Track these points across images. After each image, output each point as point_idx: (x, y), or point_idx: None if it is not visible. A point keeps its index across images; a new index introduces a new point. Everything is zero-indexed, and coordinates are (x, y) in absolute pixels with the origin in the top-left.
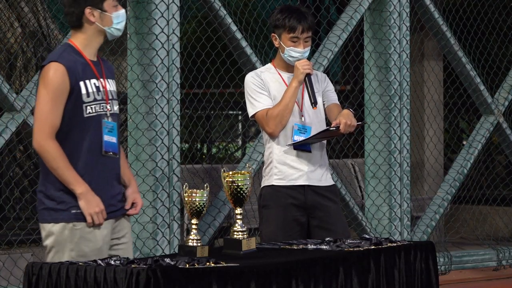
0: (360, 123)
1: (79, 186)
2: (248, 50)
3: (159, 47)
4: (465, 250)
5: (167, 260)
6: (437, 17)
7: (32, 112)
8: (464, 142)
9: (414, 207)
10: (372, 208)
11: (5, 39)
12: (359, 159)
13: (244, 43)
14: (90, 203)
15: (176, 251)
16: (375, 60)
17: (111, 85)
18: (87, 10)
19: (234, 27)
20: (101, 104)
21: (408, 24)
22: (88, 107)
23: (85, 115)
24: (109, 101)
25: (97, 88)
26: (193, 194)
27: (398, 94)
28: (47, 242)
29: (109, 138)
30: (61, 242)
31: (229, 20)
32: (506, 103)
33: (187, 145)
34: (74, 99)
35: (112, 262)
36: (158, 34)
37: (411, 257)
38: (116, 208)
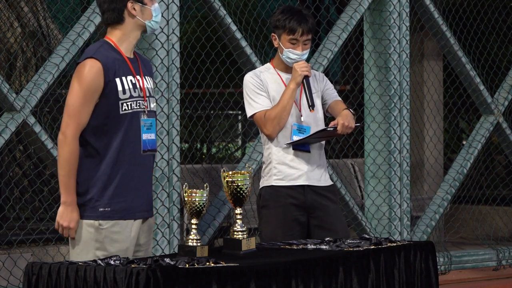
0: (358, 124)
1: (68, 196)
2: (248, 50)
3: (158, 47)
4: (465, 250)
5: (167, 260)
6: (437, 17)
7: (31, 112)
8: (464, 142)
9: (414, 207)
10: (372, 208)
11: (5, 39)
12: (359, 159)
13: (243, 43)
14: (66, 215)
15: (176, 251)
16: (374, 60)
17: (148, 82)
18: (129, 4)
19: (234, 27)
20: (138, 101)
21: (408, 24)
22: (124, 104)
23: (121, 112)
24: (146, 98)
25: (134, 85)
26: (193, 194)
27: (398, 94)
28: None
29: (148, 136)
30: (86, 240)
31: (229, 20)
32: (506, 103)
33: (187, 145)
34: (110, 96)
35: (112, 262)
36: (158, 34)
37: (411, 257)
38: (147, 209)
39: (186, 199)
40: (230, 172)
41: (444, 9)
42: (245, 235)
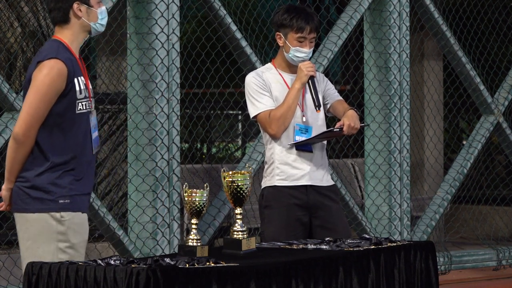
0: (362, 124)
1: (11, 183)
2: (248, 50)
3: (159, 47)
4: (465, 250)
5: (167, 260)
6: (437, 17)
7: None
8: (464, 142)
9: (414, 207)
10: (372, 208)
11: (5, 39)
12: (359, 159)
13: (244, 43)
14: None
15: (176, 251)
16: (375, 59)
17: (90, 83)
18: (75, 5)
19: (234, 27)
20: (88, 102)
21: (408, 24)
22: (80, 104)
23: (77, 112)
24: (91, 99)
25: (85, 85)
26: (193, 194)
27: (398, 94)
28: (29, 232)
29: (95, 135)
30: (47, 232)
31: (229, 20)
32: (506, 103)
33: (187, 145)
34: (69, 96)
35: (112, 262)
36: (158, 34)
37: (411, 257)
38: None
39: (186, 199)
40: (230, 172)
41: (444, 9)
42: (245, 235)
